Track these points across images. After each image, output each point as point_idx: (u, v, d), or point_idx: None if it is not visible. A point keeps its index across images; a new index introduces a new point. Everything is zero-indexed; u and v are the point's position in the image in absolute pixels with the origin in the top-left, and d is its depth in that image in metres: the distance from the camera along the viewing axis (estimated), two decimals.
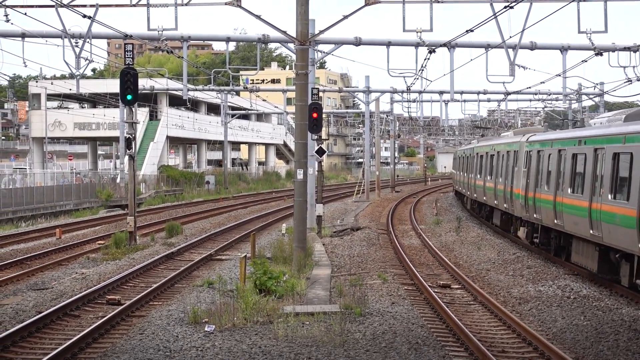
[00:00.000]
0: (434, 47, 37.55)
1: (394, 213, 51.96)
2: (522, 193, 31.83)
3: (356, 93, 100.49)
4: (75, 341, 16.09)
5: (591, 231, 23.04)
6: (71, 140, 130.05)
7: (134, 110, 34.90)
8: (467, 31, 31.04)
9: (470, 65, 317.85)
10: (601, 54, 38.85)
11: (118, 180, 75.28)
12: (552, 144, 28.50)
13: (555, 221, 26.77)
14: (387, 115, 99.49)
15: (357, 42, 41.49)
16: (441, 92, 65.77)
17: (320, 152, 39.21)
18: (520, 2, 28.87)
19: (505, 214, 37.24)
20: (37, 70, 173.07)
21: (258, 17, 28.08)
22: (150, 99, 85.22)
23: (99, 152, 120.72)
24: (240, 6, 28.54)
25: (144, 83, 74.51)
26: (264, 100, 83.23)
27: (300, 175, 26.76)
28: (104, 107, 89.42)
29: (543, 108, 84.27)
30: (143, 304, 20.82)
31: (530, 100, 75.03)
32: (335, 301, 20.50)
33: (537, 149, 30.49)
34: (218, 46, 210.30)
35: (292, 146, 69.88)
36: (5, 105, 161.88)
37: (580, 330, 17.51)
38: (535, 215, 29.78)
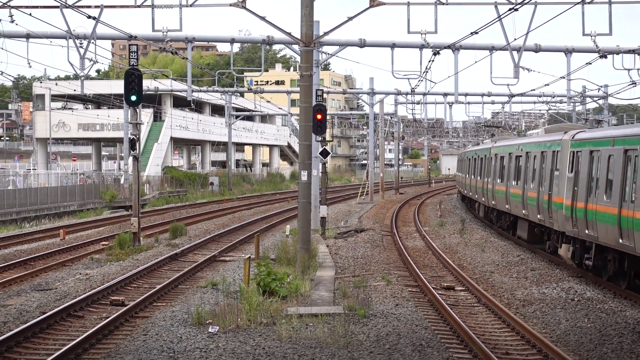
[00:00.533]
0: (438, 49, 37.54)
1: (398, 215, 51.93)
2: (567, 203, 26.00)
3: (360, 95, 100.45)
4: (79, 342, 16.09)
5: None
6: (75, 141, 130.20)
7: (138, 111, 34.91)
8: (471, 33, 31.01)
9: (475, 67, 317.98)
10: (605, 57, 38.84)
11: (122, 181, 75.33)
12: (614, 143, 22.66)
13: (621, 240, 21.29)
14: (392, 117, 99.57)
15: (362, 44, 41.50)
16: (445, 94, 65.72)
17: (325, 153, 39.20)
18: (525, 4, 28.87)
19: (536, 227, 31.76)
20: (41, 71, 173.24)
21: (263, 18, 28.09)
22: (154, 100, 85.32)
23: (103, 153, 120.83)
24: (245, 7, 28.55)
25: (148, 84, 74.60)
26: (268, 101, 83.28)
27: (304, 176, 26.76)
28: (108, 108, 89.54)
29: (547, 110, 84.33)
30: (147, 305, 20.83)
31: (535, 103, 75.07)
32: (339, 303, 20.51)
33: (589, 149, 24.72)
34: (222, 47, 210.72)
35: (296, 148, 69.93)
36: (10, 106, 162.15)
37: (584, 333, 17.50)
38: (587, 232, 23.94)
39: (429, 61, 39.10)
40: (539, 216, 30.17)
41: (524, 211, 32.90)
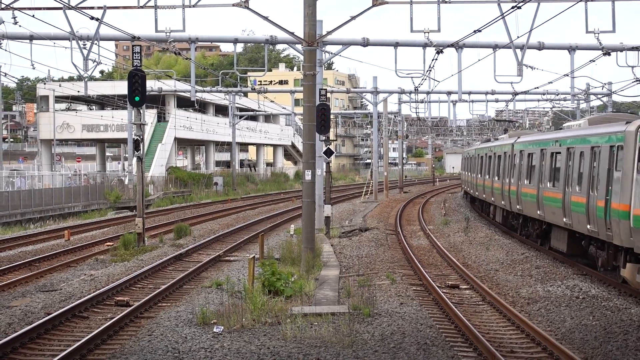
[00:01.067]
0: (441, 48, 37.53)
1: (402, 214, 51.92)
2: (635, 212, 20.92)
3: (364, 94, 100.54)
4: (84, 342, 16.11)
5: None
6: (79, 142, 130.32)
7: (142, 111, 34.92)
8: (474, 31, 31.01)
9: (478, 66, 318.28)
10: (609, 54, 38.84)
11: (126, 181, 75.40)
12: None
13: None
14: (395, 116, 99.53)
15: (365, 43, 41.49)
16: (449, 93, 65.78)
17: (328, 153, 39.22)
18: (528, 2, 28.85)
19: (583, 239, 26.65)
20: (45, 73, 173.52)
21: (265, 18, 28.11)
22: (158, 101, 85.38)
23: (107, 153, 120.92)
24: (247, 7, 28.57)
25: (152, 85, 74.68)
26: (271, 101, 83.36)
27: (308, 176, 26.76)
28: (112, 108, 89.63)
29: (551, 108, 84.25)
30: (152, 305, 20.84)
31: (538, 101, 75.06)
32: (344, 302, 20.50)
33: None
34: (226, 47, 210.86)
35: (300, 147, 69.95)
36: (14, 108, 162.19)
37: (589, 330, 17.48)
38: None
39: (432, 60, 39.11)
40: (588, 226, 24.40)
41: (564, 219, 27.15)
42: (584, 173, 25.28)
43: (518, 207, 35.16)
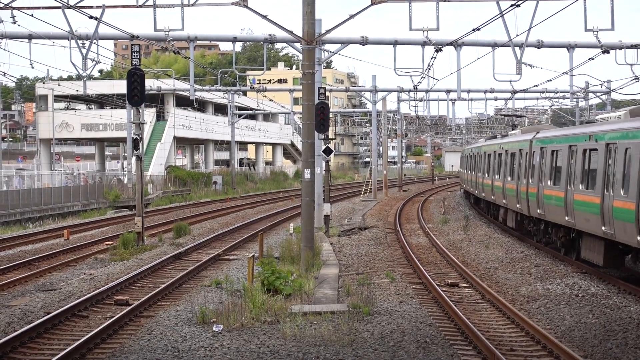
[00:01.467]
0: (440, 46, 37.55)
1: (401, 212, 51.91)
2: None
3: (363, 92, 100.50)
4: (83, 342, 16.10)
5: None
6: (78, 142, 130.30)
7: (141, 111, 34.93)
8: (473, 30, 31.02)
9: (477, 64, 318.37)
10: (608, 52, 38.88)
11: (125, 180, 75.39)
12: None
13: None
14: (394, 115, 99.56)
15: (364, 42, 41.49)
16: (448, 91, 65.81)
17: (328, 151, 39.21)
18: (527, 0, 28.85)
19: (631, 252, 23.12)
20: (44, 72, 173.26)
21: (264, 17, 28.10)
22: (157, 100, 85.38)
23: (107, 153, 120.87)
24: (246, 6, 28.57)
25: (151, 84, 74.63)
26: (270, 100, 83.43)
27: (307, 174, 26.75)
28: (111, 108, 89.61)
29: (550, 106, 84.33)
30: (151, 305, 20.83)
31: (537, 99, 75.18)
32: (343, 300, 20.50)
33: None
34: (225, 46, 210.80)
35: (299, 146, 69.98)
36: (13, 107, 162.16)
37: (588, 328, 17.48)
38: None
39: (431, 58, 39.14)
40: (639, 238, 20.49)
41: (603, 227, 23.03)
42: (632, 174, 21.07)
43: (539, 211, 30.86)
